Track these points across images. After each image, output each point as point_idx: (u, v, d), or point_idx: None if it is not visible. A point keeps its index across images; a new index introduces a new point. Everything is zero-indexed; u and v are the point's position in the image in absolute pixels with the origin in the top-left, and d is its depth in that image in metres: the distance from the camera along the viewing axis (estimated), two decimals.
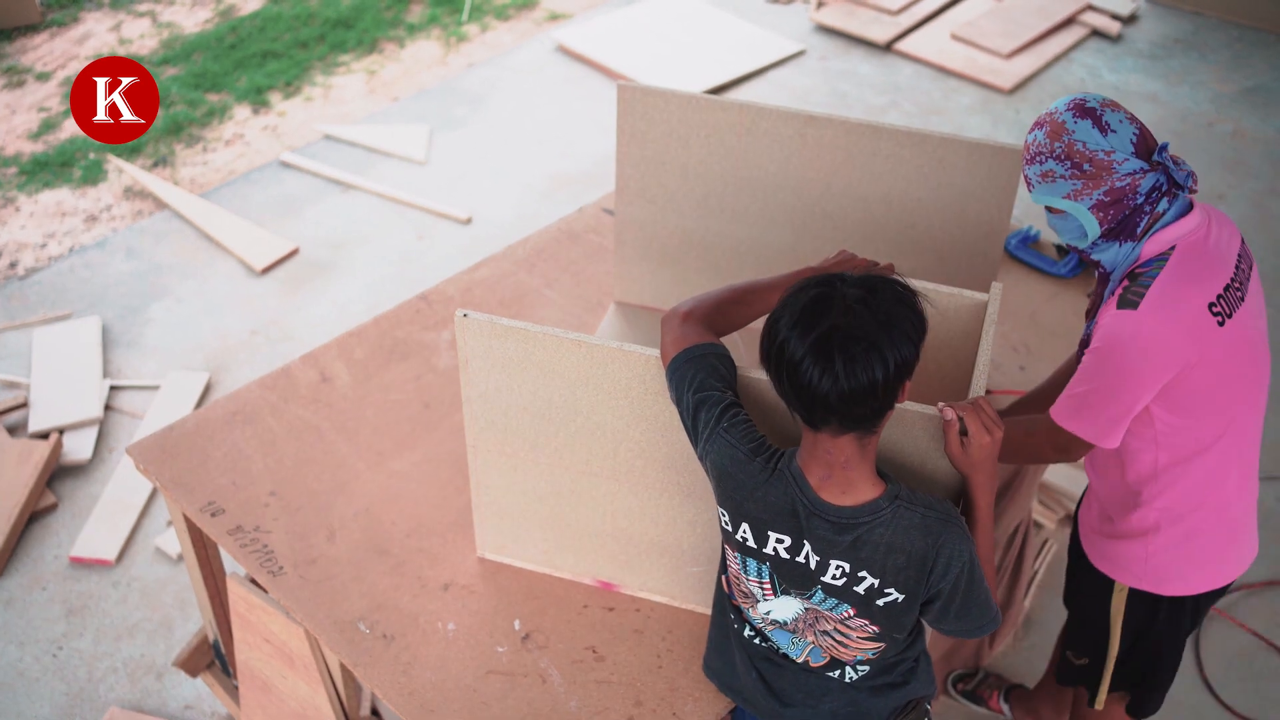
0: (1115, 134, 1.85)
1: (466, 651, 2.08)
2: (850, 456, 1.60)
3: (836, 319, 1.50)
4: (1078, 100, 1.89)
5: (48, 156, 5.09)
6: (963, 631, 1.75)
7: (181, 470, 2.39)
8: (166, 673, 3.14)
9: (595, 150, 5.17)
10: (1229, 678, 3.14)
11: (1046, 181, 1.89)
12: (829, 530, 1.64)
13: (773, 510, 1.67)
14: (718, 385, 1.73)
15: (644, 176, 2.61)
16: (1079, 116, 1.86)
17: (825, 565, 1.67)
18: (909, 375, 1.55)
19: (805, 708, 1.88)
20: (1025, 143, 1.94)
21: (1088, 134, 1.85)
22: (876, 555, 1.65)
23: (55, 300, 4.35)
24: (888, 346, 1.50)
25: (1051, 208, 1.93)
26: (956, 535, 1.65)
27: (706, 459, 1.73)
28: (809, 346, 1.51)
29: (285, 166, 5.08)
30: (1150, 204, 1.87)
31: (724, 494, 1.72)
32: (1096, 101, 1.88)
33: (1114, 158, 1.84)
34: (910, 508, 1.64)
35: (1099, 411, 1.90)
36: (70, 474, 3.67)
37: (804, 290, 1.56)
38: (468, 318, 1.92)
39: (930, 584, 1.67)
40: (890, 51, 5.96)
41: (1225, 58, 5.99)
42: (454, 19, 6.23)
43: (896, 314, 1.53)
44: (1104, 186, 1.85)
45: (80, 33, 6.02)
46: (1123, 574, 2.17)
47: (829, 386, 1.50)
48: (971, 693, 3.03)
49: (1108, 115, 1.86)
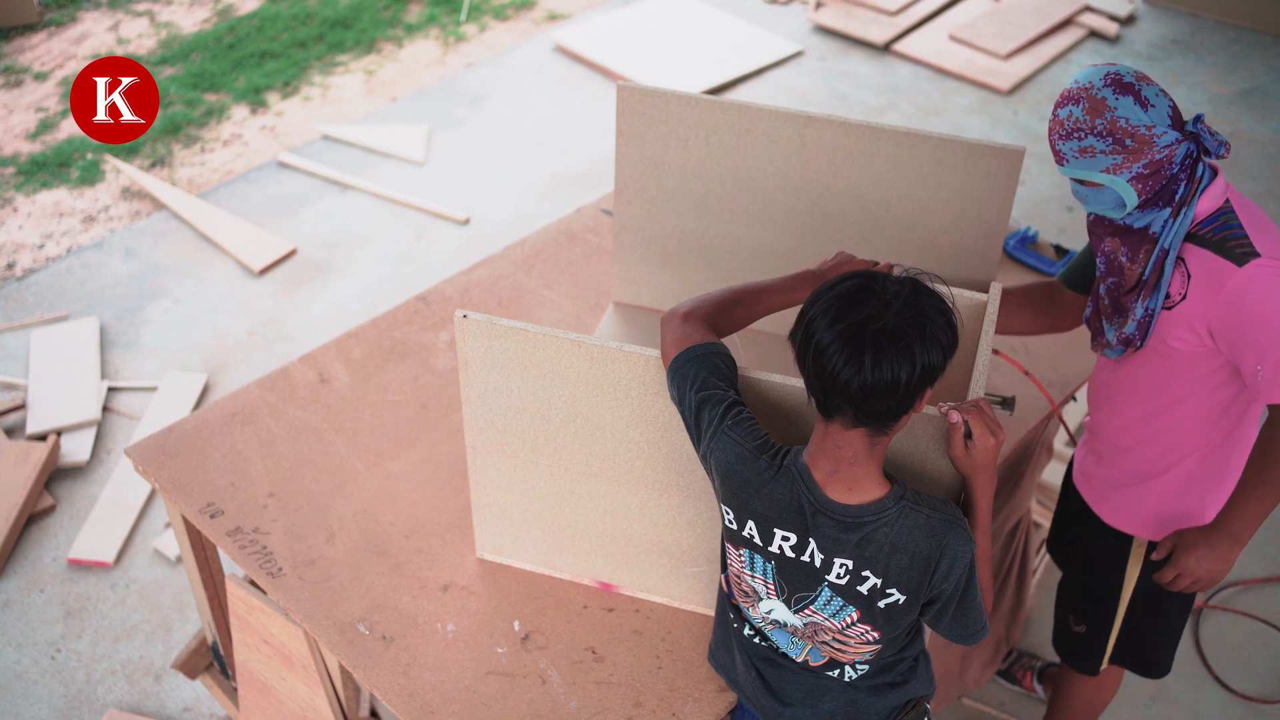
0: (1154, 108, 1.87)
1: (466, 652, 2.08)
2: (859, 452, 1.60)
3: (873, 311, 1.51)
4: (1113, 75, 1.89)
5: (45, 157, 5.08)
6: (956, 636, 1.76)
7: (180, 471, 2.39)
8: (165, 674, 3.14)
9: (594, 151, 5.17)
10: (1231, 664, 3.14)
11: (1085, 157, 1.90)
12: (835, 528, 1.64)
13: (779, 507, 1.67)
14: (720, 384, 1.73)
15: (643, 177, 2.61)
16: (1119, 93, 1.87)
17: (830, 563, 1.67)
18: (932, 382, 1.55)
19: (804, 707, 1.88)
20: (1057, 117, 1.93)
21: (1130, 110, 1.86)
22: (880, 555, 1.65)
23: (53, 301, 4.34)
24: (919, 348, 1.51)
25: (1085, 180, 1.95)
26: (961, 537, 1.66)
27: (710, 457, 1.72)
28: (839, 333, 1.51)
29: (283, 167, 5.08)
30: (1184, 170, 1.91)
31: (729, 492, 1.72)
32: (1131, 75, 1.89)
33: (1154, 132, 1.86)
34: (915, 508, 1.64)
35: None
36: (68, 475, 3.66)
37: (845, 280, 1.56)
38: (467, 318, 1.92)
39: (932, 585, 1.67)
40: (888, 52, 5.97)
41: (1223, 59, 6.00)
42: (452, 19, 6.23)
43: (933, 320, 1.53)
44: (1144, 160, 1.88)
45: (78, 32, 6.02)
46: (1144, 527, 2.18)
47: (851, 376, 1.50)
48: (1006, 672, 3.05)
49: (1145, 89, 1.87)
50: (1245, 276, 1.88)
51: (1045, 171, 5.11)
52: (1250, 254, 1.88)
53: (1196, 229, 1.95)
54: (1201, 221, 1.95)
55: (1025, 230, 3.08)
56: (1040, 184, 5.05)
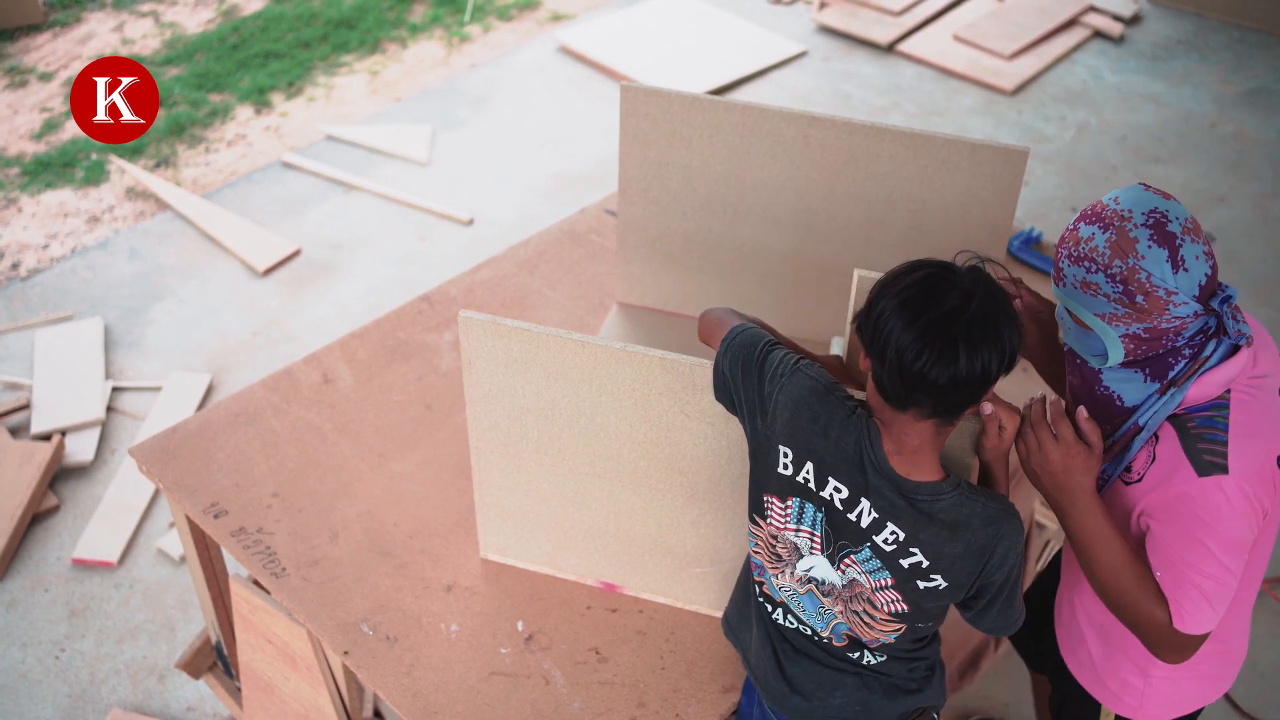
0: (1187, 274, 1.58)
1: (469, 653, 2.08)
2: (925, 441, 1.59)
3: (958, 302, 1.49)
4: (1159, 215, 1.60)
5: (50, 157, 5.09)
6: (997, 628, 1.77)
7: (184, 472, 2.39)
8: (169, 674, 3.14)
9: (597, 151, 5.17)
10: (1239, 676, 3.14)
11: (1086, 292, 1.64)
12: (894, 493, 1.63)
13: (839, 455, 1.65)
14: (784, 346, 1.78)
15: (646, 177, 2.61)
16: (1156, 242, 1.58)
17: (882, 525, 1.65)
18: (1008, 371, 1.55)
19: (814, 700, 1.85)
20: (1076, 232, 1.65)
21: (1158, 266, 1.58)
22: (936, 540, 1.63)
23: (57, 301, 4.35)
24: (1006, 334, 1.50)
25: (1075, 314, 1.69)
26: (1015, 529, 1.66)
27: (779, 393, 1.70)
28: (925, 328, 1.48)
29: (287, 167, 5.08)
30: (1191, 347, 1.64)
31: (795, 428, 1.69)
32: (1179, 223, 1.60)
33: (1174, 299, 1.59)
34: (973, 497, 1.64)
35: (1225, 596, 1.66)
36: (72, 475, 3.67)
37: (916, 269, 1.54)
38: (471, 319, 1.92)
39: (984, 574, 1.67)
40: (892, 53, 5.96)
41: (1227, 59, 5.99)
42: (456, 19, 6.23)
43: (1008, 306, 1.53)
44: (1147, 323, 1.62)
45: (83, 33, 6.03)
46: (1116, 703, 2.00)
47: (942, 372, 1.48)
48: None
49: (1186, 248, 1.58)
50: (1198, 487, 1.62)
51: (1049, 172, 5.11)
52: (1218, 466, 1.61)
53: (1181, 412, 1.68)
54: (1190, 408, 1.68)
55: (1029, 231, 3.07)
56: (1044, 185, 5.05)
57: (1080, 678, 2.05)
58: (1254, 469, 1.63)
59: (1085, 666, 2.03)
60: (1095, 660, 2.00)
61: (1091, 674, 2.03)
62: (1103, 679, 2.01)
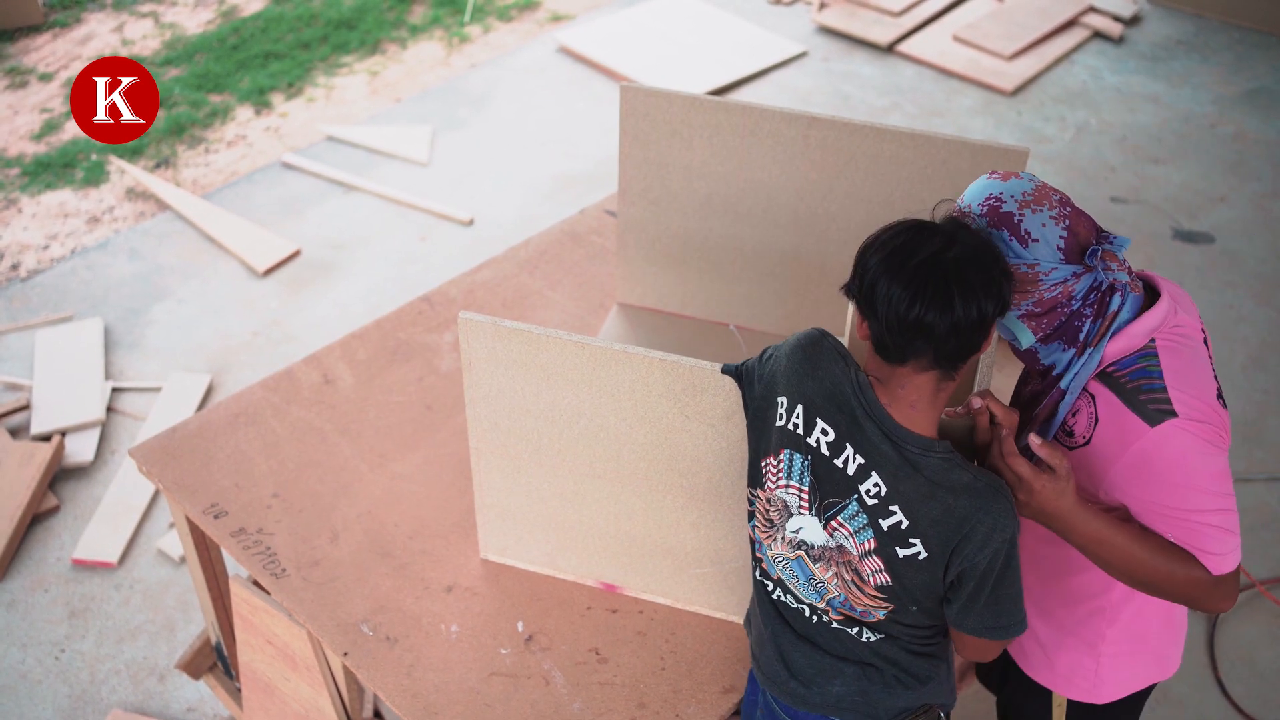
0: (1038, 243, 1.63)
1: (469, 653, 2.08)
2: (923, 396, 1.59)
3: (940, 245, 1.51)
4: (993, 201, 1.66)
5: (50, 157, 5.09)
6: (989, 629, 1.67)
7: (184, 472, 2.39)
8: (169, 675, 3.14)
9: (597, 151, 5.17)
10: (1236, 666, 3.14)
11: None
12: (880, 438, 1.61)
13: (827, 395, 1.65)
14: None
15: (646, 178, 2.61)
16: (995, 225, 1.64)
17: (867, 473, 1.63)
18: (1004, 314, 1.57)
19: (814, 688, 1.83)
20: None
21: (1005, 247, 1.64)
22: (916, 495, 1.60)
23: (57, 302, 4.35)
24: (998, 274, 1.53)
25: None
26: (1004, 509, 1.60)
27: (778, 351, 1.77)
28: (913, 272, 1.50)
29: (287, 168, 5.08)
30: (1091, 305, 1.67)
31: (790, 372, 1.71)
32: (1015, 201, 1.65)
33: (1039, 270, 1.64)
34: (964, 467, 1.62)
35: (1236, 521, 1.67)
36: (72, 476, 3.67)
37: (895, 228, 1.57)
38: (471, 320, 1.92)
39: (965, 555, 1.60)
40: (892, 53, 5.96)
41: (1227, 59, 5.99)
42: (456, 20, 6.23)
43: (992, 247, 1.56)
44: (1031, 298, 1.66)
45: (83, 33, 6.03)
46: (1067, 687, 1.99)
47: (937, 317, 1.49)
48: None
49: (1027, 221, 1.63)
50: (1156, 437, 1.64)
51: (1049, 173, 5.11)
52: (1166, 412, 1.63)
53: (1111, 369, 1.70)
54: (1116, 362, 1.69)
55: None
56: None
57: (1027, 667, 2.05)
58: (1198, 406, 1.65)
59: (1032, 655, 2.03)
60: (1044, 645, 2.00)
61: (1041, 659, 2.02)
62: (1052, 663, 2.00)
